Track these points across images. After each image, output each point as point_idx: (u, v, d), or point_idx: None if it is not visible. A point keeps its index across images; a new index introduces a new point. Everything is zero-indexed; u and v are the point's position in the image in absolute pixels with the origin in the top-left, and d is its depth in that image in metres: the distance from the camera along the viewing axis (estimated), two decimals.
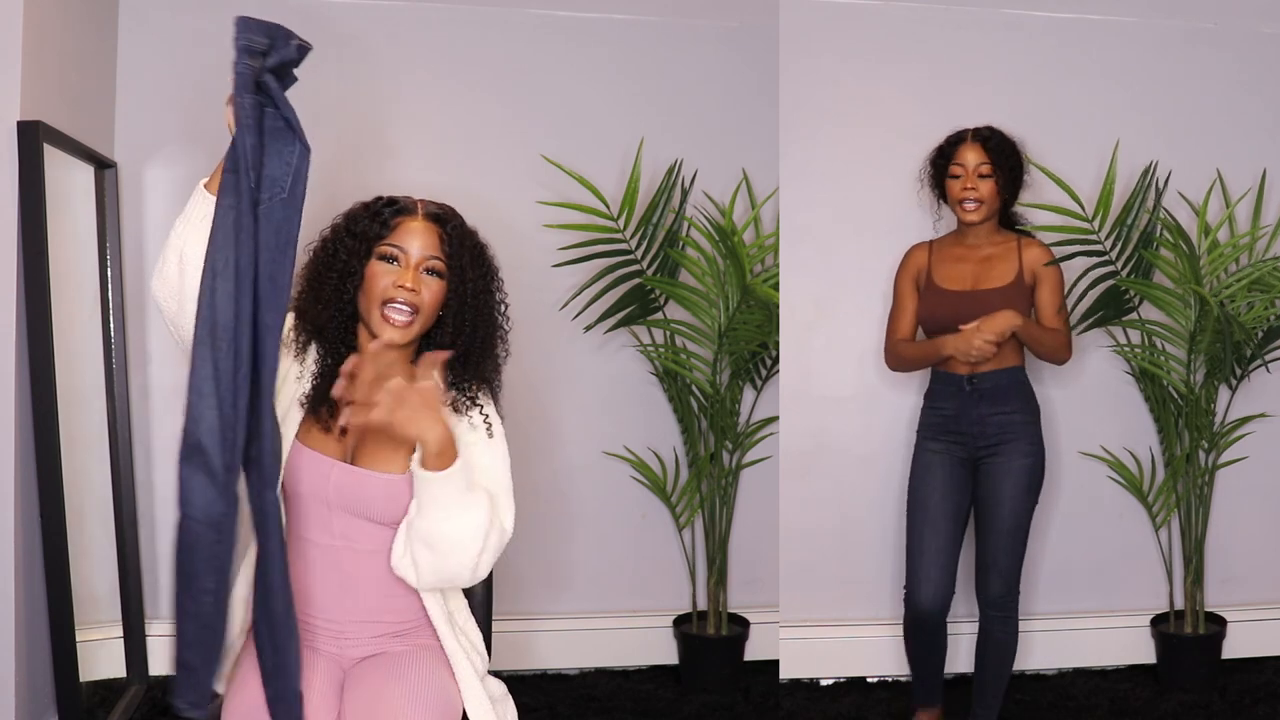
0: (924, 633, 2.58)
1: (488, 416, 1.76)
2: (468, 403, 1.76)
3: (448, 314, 1.75)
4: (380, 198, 1.78)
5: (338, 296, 1.72)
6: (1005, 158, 2.58)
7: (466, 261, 1.74)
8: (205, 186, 1.61)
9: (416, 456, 1.62)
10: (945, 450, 2.59)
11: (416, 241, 1.72)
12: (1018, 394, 2.58)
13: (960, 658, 2.90)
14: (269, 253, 1.52)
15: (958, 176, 2.59)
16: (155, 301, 1.64)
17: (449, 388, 1.76)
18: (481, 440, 1.74)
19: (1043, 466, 2.58)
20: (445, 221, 1.76)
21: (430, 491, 1.61)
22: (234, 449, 1.52)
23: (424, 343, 1.79)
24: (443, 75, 3.01)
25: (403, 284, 1.69)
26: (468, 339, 1.76)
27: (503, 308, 1.82)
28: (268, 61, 1.54)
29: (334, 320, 1.73)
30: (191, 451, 1.52)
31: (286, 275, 1.54)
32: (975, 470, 2.59)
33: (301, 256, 1.77)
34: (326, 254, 1.74)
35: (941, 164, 2.63)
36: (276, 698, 1.61)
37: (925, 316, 2.63)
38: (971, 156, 2.57)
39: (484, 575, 1.70)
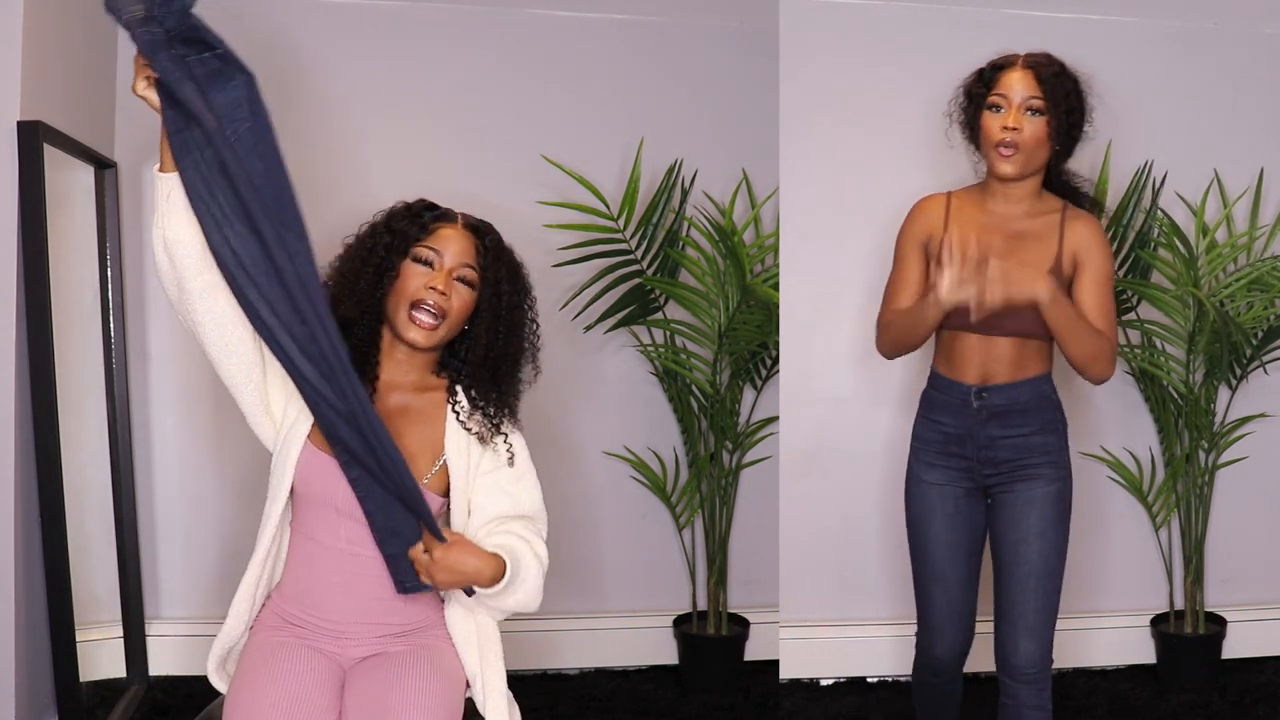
0: (938, 687, 2.24)
1: (511, 446, 1.78)
2: (493, 430, 1.77)
3: (479, 326, 1.77)
4: (422, 200, 1.80)
5: (370, 293, 1.72)
6: (1065, 96, 1.98)
7: (503, 275, 1.77)
8: (159, 170, 1.59)
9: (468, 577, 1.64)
10: (947, 482, 2.10)
11: (453, 247, 1.74)
12: (1038, 411, 2.05)
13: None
14: (262, 177, 1.52)
15: (997, 108, 1.99)
16: (166, 294, 1.65)
17: (473, 410, 1.77)
18: (504, 467, 1.76)
19: (1071, 493, 2.09)
20: (483, 234, 1.78)
21: (491, 595, 1.66)
22: (327, 359, 1.55)
23: (451, 354, 1.81)
24: (443, 75, 3.00)
25: (434, 285, 1.70)
26: (499, 353, 1.77)
27: (534, 325, 1.84)
28: (163, 16, 1.49)
29: (362, 317, 1.74)
30: (301, 386, 1.58)
31: (288, 193, 1.53)
32: (988, 496, 2.13)
33: (336, 249, 1.78)
34: (363, 250, 1.74)
35: (980, 92, 2.03)
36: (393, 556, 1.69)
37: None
38: (1020, 87, 1.97)
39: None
